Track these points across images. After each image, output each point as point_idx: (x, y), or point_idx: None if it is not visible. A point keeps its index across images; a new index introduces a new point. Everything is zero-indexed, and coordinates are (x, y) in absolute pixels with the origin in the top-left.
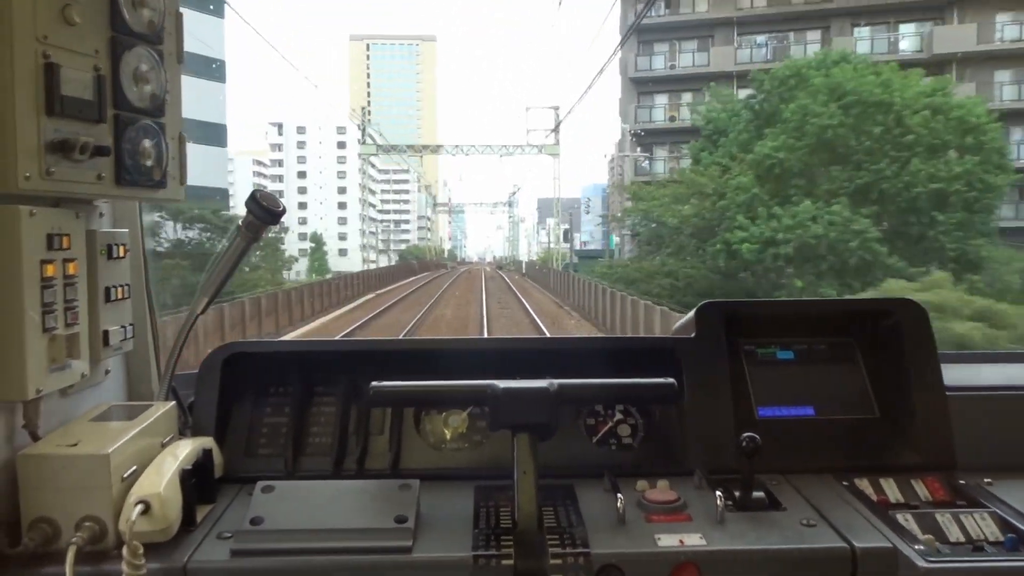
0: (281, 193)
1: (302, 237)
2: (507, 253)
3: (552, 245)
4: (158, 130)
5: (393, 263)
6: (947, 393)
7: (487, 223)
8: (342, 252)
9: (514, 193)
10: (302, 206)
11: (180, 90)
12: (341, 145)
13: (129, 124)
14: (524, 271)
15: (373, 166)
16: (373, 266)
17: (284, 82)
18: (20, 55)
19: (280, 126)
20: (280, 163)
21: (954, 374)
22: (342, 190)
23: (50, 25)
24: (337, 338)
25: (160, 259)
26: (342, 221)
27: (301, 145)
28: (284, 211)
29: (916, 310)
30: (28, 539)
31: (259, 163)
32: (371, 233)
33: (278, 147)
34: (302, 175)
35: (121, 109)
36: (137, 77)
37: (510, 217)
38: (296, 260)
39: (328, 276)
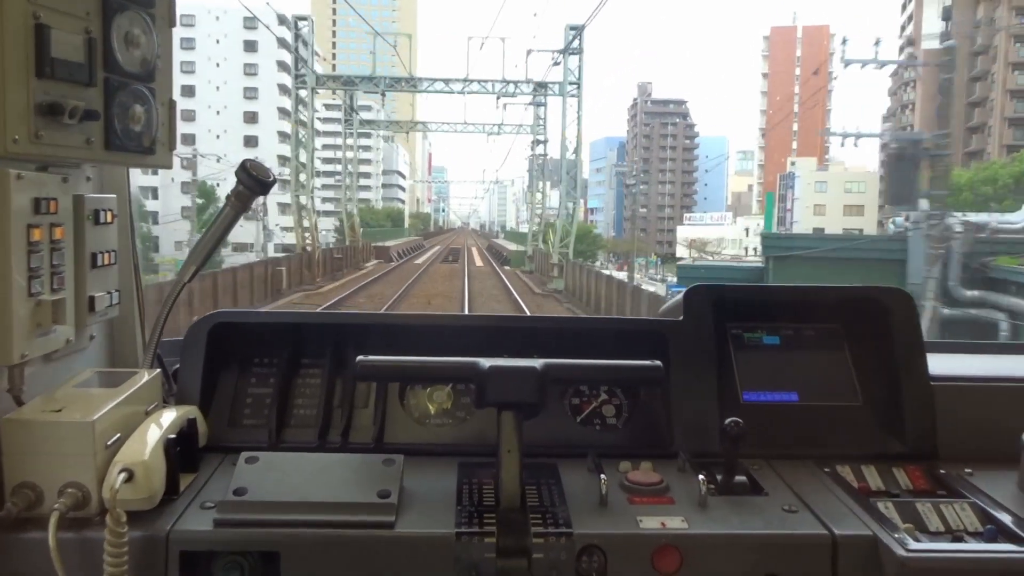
0: None
1: (185, 189)
2: (504, 219)
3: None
4: (148, 95)
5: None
6: (931, 383)
7: (477, 159)
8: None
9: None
10: (187, 139)
11: (171, 55)
12: (250, 47)
13: (119, 88)
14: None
15: (305, 85)
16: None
17: None
18: (10, 15)
19: None
20: None
21: (938, 364)
22: (251, 116)
23: None
24: (324, 311)
25: None
26: None
27: (187, 45)
28: (275, 181)
29: (903, 298)
30: (11, 503)
31: None
32: (307, 189)
33: None
34: (188, 92)
35: (112, 73)
36: (128, 40)
37: (537, 142)
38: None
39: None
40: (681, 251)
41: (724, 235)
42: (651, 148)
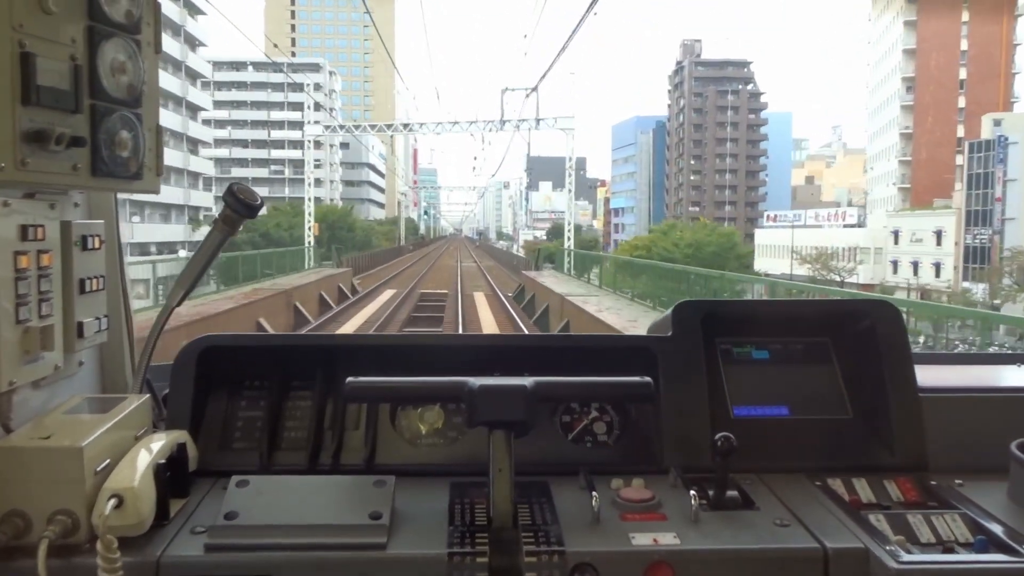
0: None
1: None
2: (500, 223)
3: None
4: (135, 121)
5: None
6: (920, 394)
7: (468, 161)
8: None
9: None
10: None
11: (157, 80)
12: None
13: (106, 115)
14: None
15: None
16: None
17: None
18: None
19: None
20: None
21: (927, 375)
22: None
23: (26, 14)
24: (314, 332)
25: None
26: None
27: None
28: (262, 204)
29: (890, 311)
30: None
31: None
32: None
33: None
34: None
35: (98, 99)
36: (114, 67)
37: None
38: None
39: None
40: (760, 263)
41: (857, 242)
42: (704, 127)
